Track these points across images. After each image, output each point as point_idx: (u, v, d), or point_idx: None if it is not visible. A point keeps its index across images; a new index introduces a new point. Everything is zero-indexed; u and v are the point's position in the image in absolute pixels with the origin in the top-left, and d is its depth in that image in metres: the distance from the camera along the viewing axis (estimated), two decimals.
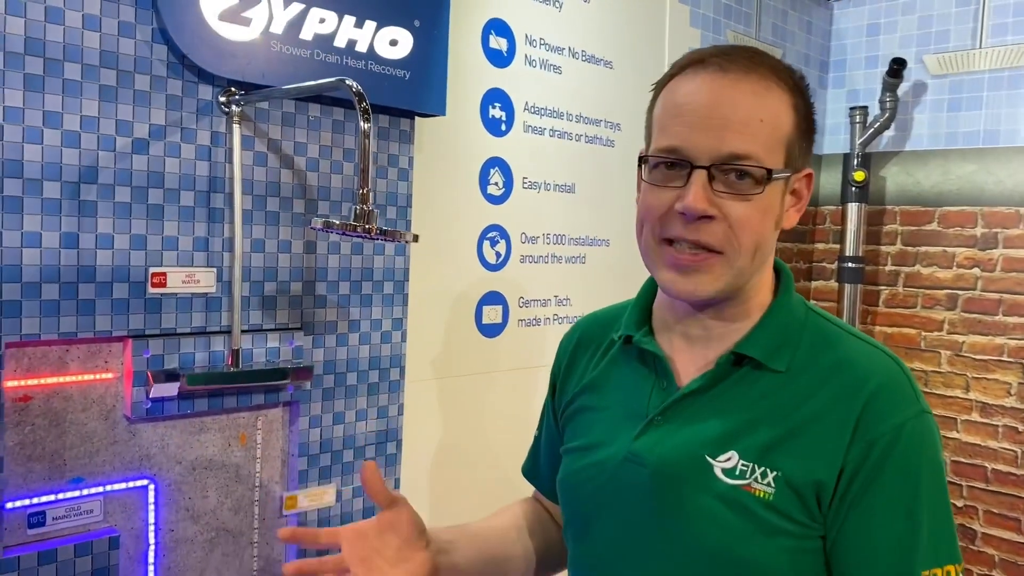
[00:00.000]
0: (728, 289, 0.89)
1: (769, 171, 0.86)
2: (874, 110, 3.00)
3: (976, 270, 2.90)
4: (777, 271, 0.98)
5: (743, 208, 0.86)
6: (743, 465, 0.86)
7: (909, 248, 3.05)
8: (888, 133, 3.04)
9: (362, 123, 1.11)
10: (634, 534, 0.92)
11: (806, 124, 0.91)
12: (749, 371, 0.90)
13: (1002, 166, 2.83)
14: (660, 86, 0.95)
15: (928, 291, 3.01)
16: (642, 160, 0.92)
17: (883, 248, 3.11)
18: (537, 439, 1.21)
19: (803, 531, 0.85)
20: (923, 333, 3.01)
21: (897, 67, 2.83)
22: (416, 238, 1.14)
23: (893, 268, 3.09)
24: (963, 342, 2.92)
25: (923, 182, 3.01)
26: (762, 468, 0.85)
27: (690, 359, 0.95)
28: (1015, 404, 2.81)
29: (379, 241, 1.30)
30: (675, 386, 0.94)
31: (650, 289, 1.03)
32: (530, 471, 1.23)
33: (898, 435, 0.84)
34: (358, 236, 1.10)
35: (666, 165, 0.88)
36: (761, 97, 0.87)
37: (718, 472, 0.87)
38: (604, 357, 1.04)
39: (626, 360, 1.00)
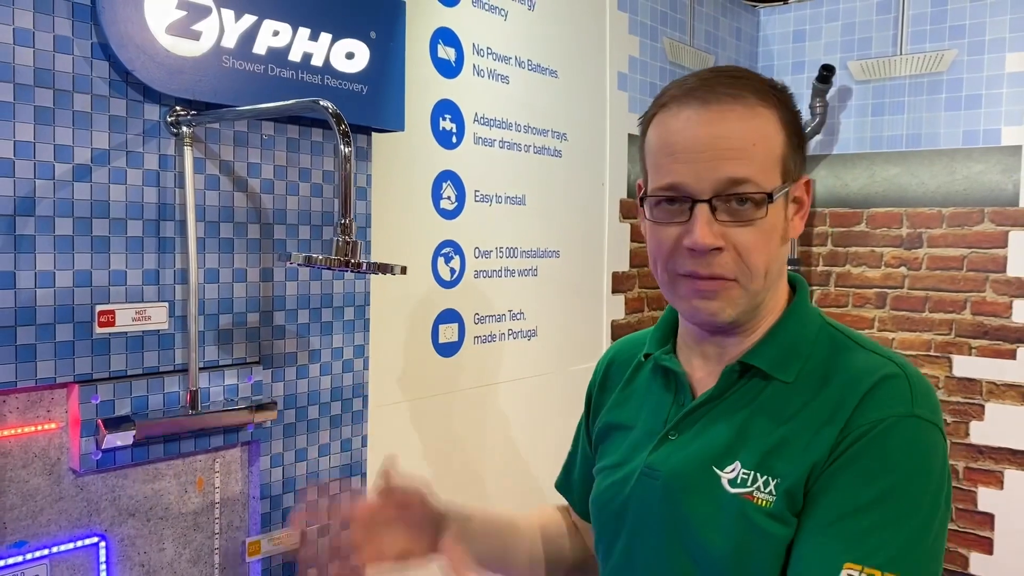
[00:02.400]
0: (747, 311, 0.91)
1: (769, 194, 0.87)
2: (804, 114, 3.06)
3: (903, 269, 3.00)
4: (793, 284, 0.99)
5: (748, 234, 0.87)
6: (744, 474, 0.87)
7: (839, 249, 3.13)
8: (817, 137, 3.12)
9: (343, 147, 1.02)
10: (648, 544, 0.94)
11: (797, 135, 0.92)
12: (758, 382, 0.92)
13: (924, 168, 2.94)
14: (647, 120, 0.95)
15: (858, 290, 3.10)
16: (642, 199, 0.93)
17: (815, 249, 3.19)
18: (571, 455, 1.23)
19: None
20: None
21: (827, 73, 2.90)
22: (404, 270, 1.07)
23: (824, 268, 3.17)
24: (893, 339, 3.02)
25: (851, 184, 3.10)
26: (764, 477, 0.86)
27: (705, 375, 0.97)
28: (943, 397, 2.92)
29: (368, 275, 1.21)
30: (689, 399, 0.96)
31: (674, 309, 1.03)
32: (563, 485, 1.24)
33: (874, 427, 0.82)
34: (343, 271, 1.02)
35: (667, 201, 0.89)
36: (749, 122, 0.87)
37: (724, 483, 0.88)
38: (633, 378, 1.06)
39: (652, 379, 1.03)
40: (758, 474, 0.86)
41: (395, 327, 1.81)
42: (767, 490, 0.85)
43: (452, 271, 1.98)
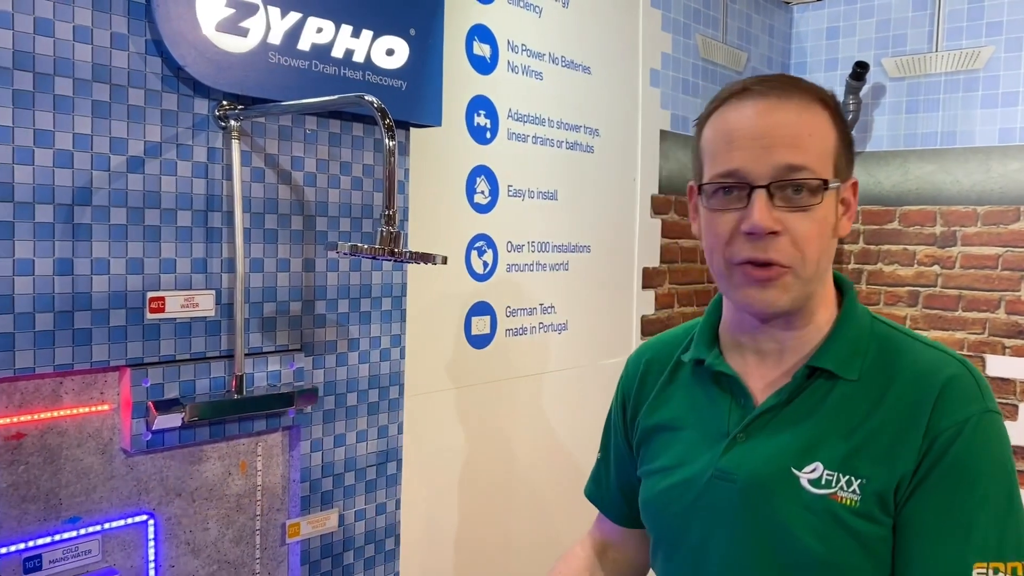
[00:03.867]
0: (799, 300, 0.93)
1: (824, 181, 0.89)
2: None
3: (936, 267, 2.98)
4: (838, 283, 1.01)
5: (804, 221, 0.89)
6: (828, 475, 0.89)
7: (871, 247, 3.12)
8: None
9: (387, 141, 1.06)
10: (728, 548, 0.95)
11: (846, 137, 0.95)
12: (823, 382, 0.94)
13: (959, 166, 2.92)
14: (703, 120, 0.98)
15: (890, 288, 3.08)
16: (699, 189, 0.96)
17: (846, 247, 3.18)
18: (601, 461, 1.22)
19: (887, 532, 0.88)
20: None
21: (860, 70, 2.89)
22: (446, 260, 1.10)
23: (856, 266, 3.16)
24: None
25: (884, 182, 3.08)
26: (847, 476, 0.88)
27: (763, 374, 0.98)
28: None
29: (409, 264, 1.25)
30: (752, 402, 0.97)
31: (715, 311, 1.06)
32: (594, 493, 1.23)
33: (960, 430, 0.86)
34: (386, 259, 1.05)
35: (724, 191, 0.92)
36: (804, 115, 0.91)
37: (804, 483, 0.90)
38: (673, 378, 1.07)
39: (699, 382, 1.03)
40: (840, 474, 0.88)
41: (429, 319, 1.85)
42: (851, 489, 0.88)
43: (485, 264, 2.02)
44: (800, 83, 0.94)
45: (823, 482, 0.89)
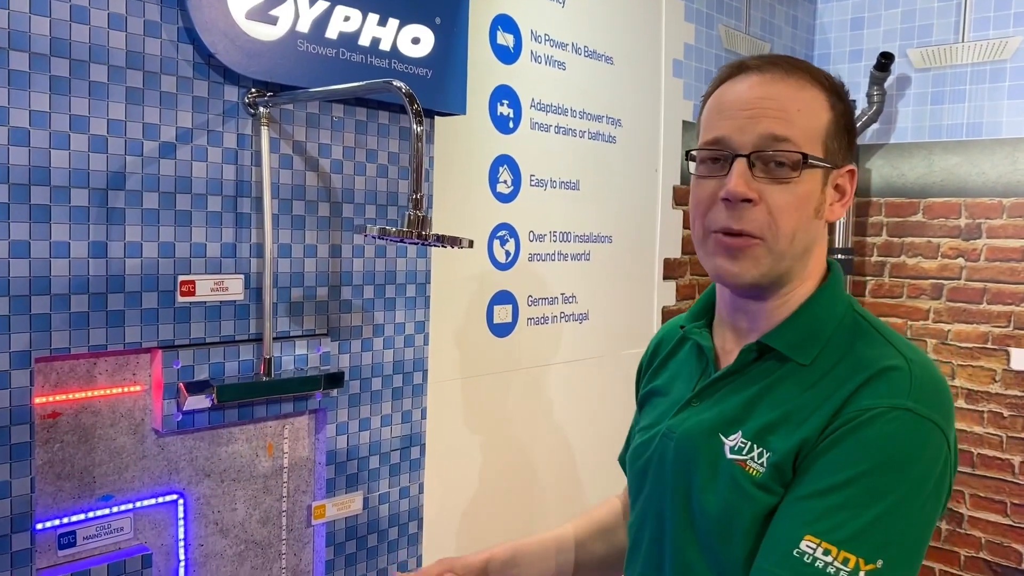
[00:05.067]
0: (769, 274, 0.93)
1: (805, 155, 0.90)
2: (860, 103, 3.04)
3: (960, 260, 2.96)
4: (831, 270, 1.01)
5: (781, 193, 0.90)
6: (742, 443, 0.91)
7: (895, 239, 3.10)
8: (873, 126, 3.09)
9: (415, 126, 1.07)
10: (659, 499, 0.99)
11: (844, 121, 0.95)
12: (775, 362, 0.95)
13: (985, 158, 2.89)
14: (707, 96, 1.00)
15: (913, 281, 3.06)
16: (689, 157, 0.98)
17: (869, 239, 3.16)
18: (631, 429, 1.26)
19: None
20: (909, 322, 3.07)
21: (885, 61, 2.87)
22: (472, 243, 1.12)
23: (879, 259, 3.14)
24: (949, 331, 2.99)
25: (908, 174, 3.06)
26: (759, 448, 0.90)
27: (733, 349, 1.00)
28: (1000, 390, 2.88)
29: (436, 247, 1.27)
30: (714, 372, 1.00)
31: (713, 286, 1.07)
32: (622, 458, 1.27)
33: (862, 415, 0.84)
34: (414, 243, 1.07)
35: (711, 160, 0.93)
36: (798, 90, 0.92)
37: (726, 449, 0.92)
38: (677, 350, 1.11)
39: (689, 351, 1.08)
40: (754, 444, 0.90)
41: (452, 307, 1.87)
42: (759, 461, 0.89)
43: (507, 254, 2.03)
44: (801, 64, 0.95)
45: (737, 449, 0.91)
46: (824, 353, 0.92)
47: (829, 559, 0.80)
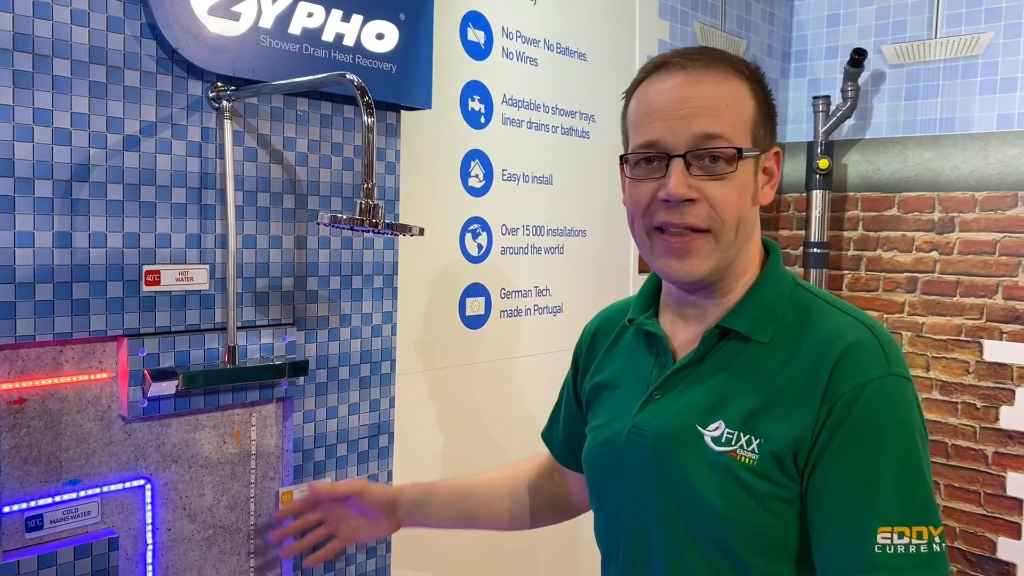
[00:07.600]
0: (719, 267, 0.96)
1: (739, 150, 0.93)
2: (836, 99, 3.08)
3: (934, 253, 3.00)
4: (767, 249, 1.04)
5: (720, 188, 0.93)
6: (728, 433, 0.92)
7: (870, 233, 3.14)
8: (849, 121, 3.13)
9: (366, 118, 1.11)
10: (640, 500, 0.99)
11: (766, 107, 0.99)
12: (735, 343, 0.97)
13: (958, 152, 2.93)
14: (630, 92, 1.02)
15: (889, 275, 3.10)
16: (623, 160, 1.00)
17: (845, 233, 3.20)
18: (556, 409, 1.32)
19: (786, 492, 0.90)
20: (885, 315, 3.11)
21: (859, 57, 2.91)
22: (422, 231, 1.15)
23: (855, 253, 3.18)
24: (923, 323, 3.03)
25: (883, 169, 3.10)
26: (747, 436, 0.91)
27: (686, 337, 1.02)
28: (973, 381, 2.92)
29: (387, 235, 1.30)
30: (671, 360, 1.01)
31: (657, 275, 1.09)
32: (547, 436, 1.34)
33: (859, 394, 0.87)
34: (365, 231, 1.10)
35: (646, 161, 0.96)
36: (723, 85, 0.95)
37: (708, 440, 0.93)
38: (618, 341, 1.12)
39: (636, 342, 1.08)
40: (741, 434, 0.91)
41: (424, 299, 1.90)
42: (750, 448, 0.90)
43: (479, 247, 2.06)
44: (719, 55, 0.97)
45: (723, 440, 0.92)
46: (780, 329, 0.95)
47: (906, 541, 0.83)
